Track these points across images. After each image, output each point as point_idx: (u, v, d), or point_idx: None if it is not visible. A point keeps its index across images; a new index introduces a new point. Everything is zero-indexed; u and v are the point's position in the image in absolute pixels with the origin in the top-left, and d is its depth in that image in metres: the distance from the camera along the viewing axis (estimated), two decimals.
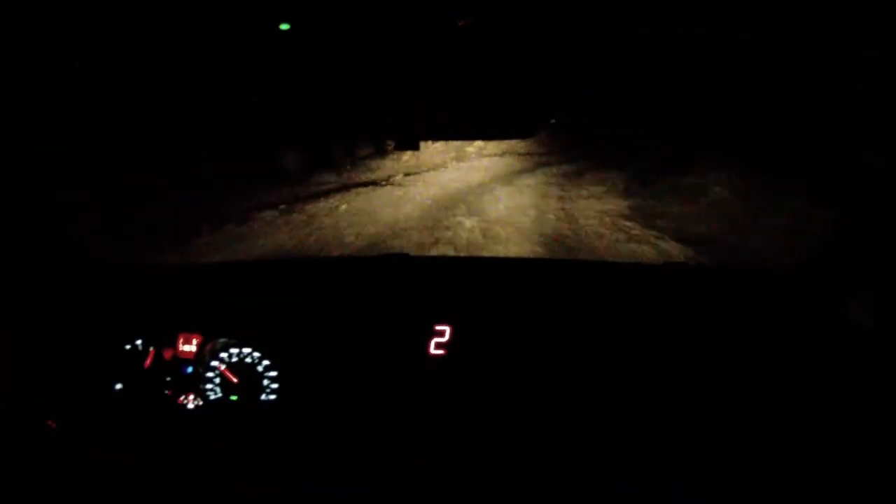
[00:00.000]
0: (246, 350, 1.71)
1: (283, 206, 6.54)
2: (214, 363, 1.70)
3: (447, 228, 6.00)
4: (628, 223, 6.39)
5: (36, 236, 1.64)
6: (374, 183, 8.27)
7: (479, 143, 10.82)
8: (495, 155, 11.61)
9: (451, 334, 1.69)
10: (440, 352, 1.69)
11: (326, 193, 7.36)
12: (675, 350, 1.68)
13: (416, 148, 1.52)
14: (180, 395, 1.68)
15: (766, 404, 1.64)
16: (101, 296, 1.71)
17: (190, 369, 1.68)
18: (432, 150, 10.40)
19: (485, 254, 5.11)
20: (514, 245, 5.40)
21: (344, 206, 6.83)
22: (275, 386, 1.70)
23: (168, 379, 1.67)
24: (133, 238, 4.74)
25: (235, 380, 1.69)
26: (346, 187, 7.80)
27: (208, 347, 1.69)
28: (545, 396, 1.68)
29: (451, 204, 7.22)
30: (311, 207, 6.70)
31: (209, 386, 1.71)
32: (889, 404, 1.56)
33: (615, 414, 1.67)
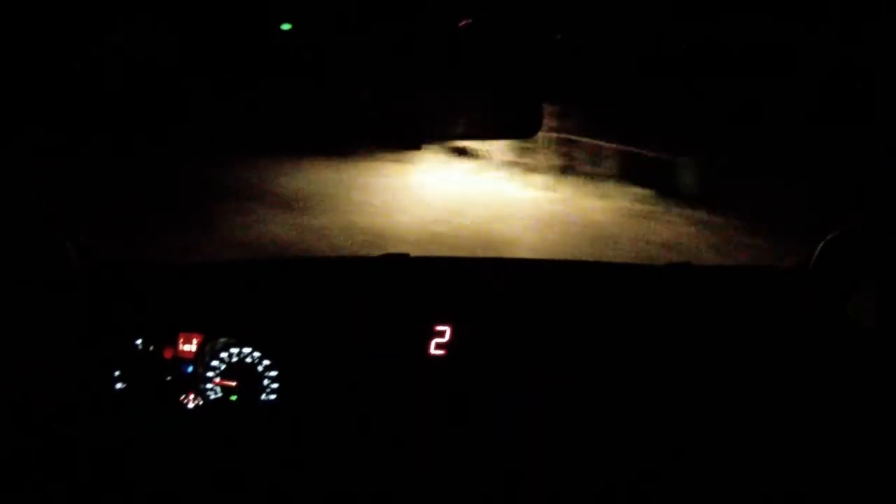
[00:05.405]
0: (246, 350, 1.71)
1: None
2: (215, 363, 1.70)
3: None
4: None
5: (35, 235, 1.63)
6: None
7: None
8: None
9: (452, 334, 1.69)
10: (440, 352, 1.69)
11: None
12: (678, 351, 1.68)
13: (417, 148, 1.51)
14: (180, 395, 1.68)
15: (766, 404, 1.64)
16: (101, 295, 1.71)
17: (190, 369, 1.68)
18: None
19: None
20: None
21: None
22: (275, 386, 1.70)
23: (168, 379, 1.67)
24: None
25: (233, 383, 1.69)
26: None
27: (208, 347, 1.69)
28: (546, 397, 1.68)
29: None
30: None
31: (209, 386, 1.70)
32: (889, 405, 1.56)
33: (617, 416, 1.67)
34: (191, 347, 1.68)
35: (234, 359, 1.71)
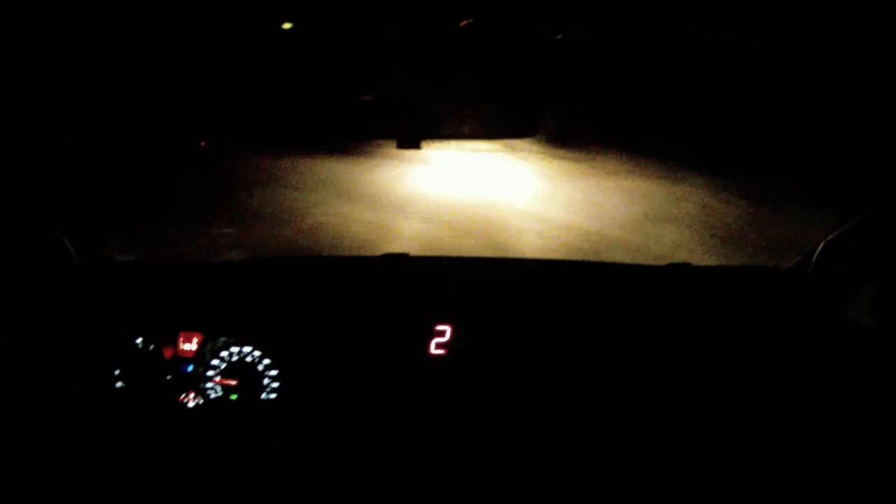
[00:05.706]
0: (246, 349, 1.71)
1: None
2: (215, 362, 1.70)
3: None
4: None
5: (35, 235, 1.64)
6: None
7: None
8: None
9: (452, 334, 1.69)
10: (440, 352, 1.69)
11: None
12: (678, 351, 1.68)
13: (417, 147, 1.51)
14: (180, 395, 1.68)
15: (766, 404, 1.64)
16: (101, 294, 1.71)
17: (190, 368, 1.68)
18: None
19: None
20: None
21: None
22: (275, 385, 1.70)
23: (168, 378, 1.67)
24: None
25: (234, 382, 1.69)
26: None
27: (209, 346, 1.69)
28: (546, 397, 1.69)
29: None
30: None
31: (209, 385, 1.71)
32: (890, 404, 1.56)
33: (618, 415, 1.67)
34: (191, 346, 1.68)
35: (235, 358, 1.71)
